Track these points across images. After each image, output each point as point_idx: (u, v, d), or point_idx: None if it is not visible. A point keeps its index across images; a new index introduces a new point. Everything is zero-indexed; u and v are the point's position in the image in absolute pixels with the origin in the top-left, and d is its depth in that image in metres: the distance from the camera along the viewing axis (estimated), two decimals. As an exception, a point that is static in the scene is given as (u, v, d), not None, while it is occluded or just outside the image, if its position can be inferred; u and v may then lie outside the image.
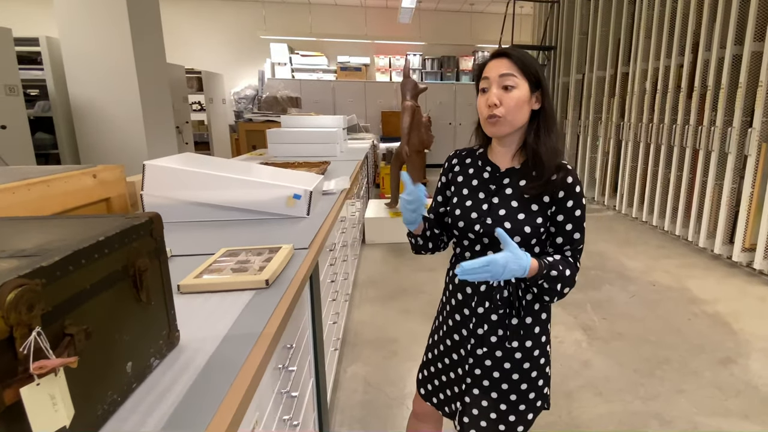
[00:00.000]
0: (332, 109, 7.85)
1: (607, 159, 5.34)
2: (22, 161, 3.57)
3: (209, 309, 0.95)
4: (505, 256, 0.84)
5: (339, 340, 2.03)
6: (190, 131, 6.18)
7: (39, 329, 0.49)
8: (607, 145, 5.32)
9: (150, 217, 0.74)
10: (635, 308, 2.76)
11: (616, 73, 5.09)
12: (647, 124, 4.51)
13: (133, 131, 3.94)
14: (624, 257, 3.64)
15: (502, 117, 0.93)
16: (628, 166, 4.86)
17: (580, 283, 3.10)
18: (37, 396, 0.47)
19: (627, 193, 4.92)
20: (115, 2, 3.62)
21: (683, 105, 4.01)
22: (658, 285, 3.11)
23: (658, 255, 3.71)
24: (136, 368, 0.69)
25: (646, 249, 3.86)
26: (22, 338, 0.47)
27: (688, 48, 3.92)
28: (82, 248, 0.58)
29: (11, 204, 1.41)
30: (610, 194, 5.34)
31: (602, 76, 5.41)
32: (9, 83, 3.39)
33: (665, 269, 3.39)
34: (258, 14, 8.07)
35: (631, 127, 4.77)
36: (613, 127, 5.15)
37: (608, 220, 4.80)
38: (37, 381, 0.47)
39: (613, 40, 5.15)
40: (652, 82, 4.47)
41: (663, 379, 2.06)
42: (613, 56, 5.16)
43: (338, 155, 3.61)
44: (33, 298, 0.48)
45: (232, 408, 0.65)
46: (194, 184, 1.69)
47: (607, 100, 5.31)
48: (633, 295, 2.93)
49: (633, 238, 4.19)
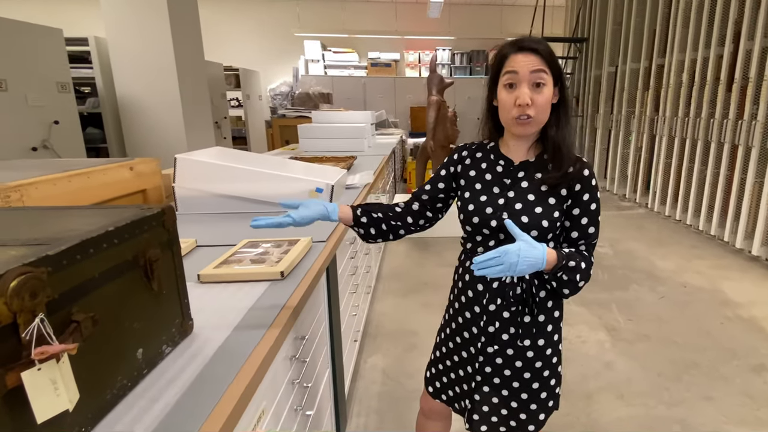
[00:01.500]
0: (363, 104, 7.84)
1: (640, 155, 5.09)
2: (74, 155, 3.73)
3: (225, 298, 0.95)
4: (518, 244, 0.81)
5: (360, 332, 2.02)
6: (229, 126, 6.31)
7: (42, 316, 0.49)
8: (640, 141, 5.07)
9: (162, 209, 0.74)
10: (663, 310, 2.61)
11: (651, 65, 4.83)
12: (683, 118, 4.26)
13: (173, 126, 4.05)
14: (654, 257, 3.46)
15: (534, 117, 0.88)
16: (661, 162, 4.62)
17: (606, 282, 2.97)
18: (39, 380, 0.47)
19: (660, 190, 4.68)
20: (156, 3, 3.71)
21: (722, 98, 3.75)
22: (690, 286, 2.94)
23: (691, 255, 3.51)
24: (148, 355, 0.69)
25: (678, 249, 3.66)
26: (25, 324, 0.48)
27: (729, 37, 3.66)
28: (90, 238, 0.58)
29: (53, 194, 1.47)
30: (642, 191, 5.10)
31: (636, 68, 5.15)
32: (61, 81, 3.54)
33: (698, 270, 3.20)
34: (293, 12, 8.13)
35: (665, 122, 4.52)
36: (647, 122, 4.90)
37: (639, 218, 4.59)
38: (39, 366, 0.47)
39: (649, 31, 4.88)
40: (689, 73, 4.21)
41: (690, 384, 1.94)
42: (648, 47, 4.90)
43: (366, 150, 3.60)
44: (36, 286, 0.49)
45: (235, 397, 0.64)
46: (222, 177, 1.72)
47: (640, 93, 5.05)
48: (662, 296, 2.78)
49: (665, 237, 3.98)
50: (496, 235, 0.94)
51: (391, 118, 6.48)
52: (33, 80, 3.28)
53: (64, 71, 3.57)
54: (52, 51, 3.46)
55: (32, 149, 3.30)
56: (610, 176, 5.77)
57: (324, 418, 1.24)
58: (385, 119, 6.04)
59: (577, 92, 6.64)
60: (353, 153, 3.40)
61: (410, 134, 7.21)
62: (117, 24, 3.76)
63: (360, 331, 2.05)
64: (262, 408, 0.76)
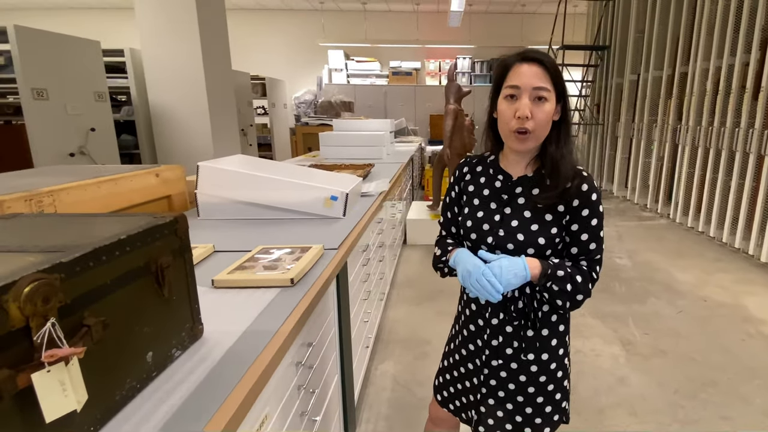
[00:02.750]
0: (384, 112, 7.88)
1: (662, 164, 4.94)
2: (108, 161, 3.87)
3: (237, 304, 0.97)
4: (499, 261, 0.84)
5: (372, 338, 2.02)
6: (254, 134, 6.43)
7: (53, 320, 0.51)
8: (662, 150, 4.92)
9: (175, 218, 0.76)
10: (682, 324, 2.51)
11: (674, 73, 4.69)
12: (707, 127, 4.12)
13: (201, 133, 4.16)
14: (674, 269, 3.34)
15: (532, 132, 0.85)
16: (684, 172, 4.47)
17: (623, 294, 2.88)
18: (48, 382, 0.49)
19: (682, 200, 4.53)
20: (187, 16, 3.83)
21: (748, 107, 3.61)
22: (710, 300, 2.82)
23: (713, 269, 3.37)
24: (157, 358, 0.71)
25: (699, 261, 3.52)
26: (37, 328, 0.49)
27: (756, 44, 3.52)
28: (103, 246, 0.60)
29: (83, 200, 1.52)
30: (663, 202, 4.94)
31: (659, 76, 5.01)
32: (98, 90, 3.69)
33: (720, 284, 3.07)
34: (318, 23, 8.26)
35: (689, 131, 4.38)
36: (669, 131, 4.75)
37: (660, 229, 4.44)
38: (48, 368, 0.49)
39: (672, 38, 4.74)
40: (713, 82, 4.07)
41: (706, 402, 1.85)
42: (672, 55, 4.76)
43: (384, 158, 3.61)
44: (49, 292, 0.51)
45: (237, 401, 0.65)
46: (241, 185, 1.75)
47: (663, 101, 4.91)
48: (680, 311, 2.67)
49: (686, 249, 3.84)
50: (493, 252, 0.91)
51: (411, 126, 6.49)
52: (72, 90, 3.43)
53: (101, 81, 3.71)
54: (90, 62, 3.61)
55: (70, 155, 3.44)
56: (631, 186, 5.61)
57: (332, 424, 1.24)
58: (405, 127, 6.05)
59: (598, 100, 6.51)
60: (372, 160, 3.42)
61: (429, 142, 7.20)
62: (150, 36, 3.90)
63: (372, 337, 2.05)
64: (265, 413, 0.77)
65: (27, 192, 1.33)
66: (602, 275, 3.29)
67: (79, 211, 1.47)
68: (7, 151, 3.27)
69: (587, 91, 6.75)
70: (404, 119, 6.22)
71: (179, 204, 2.07)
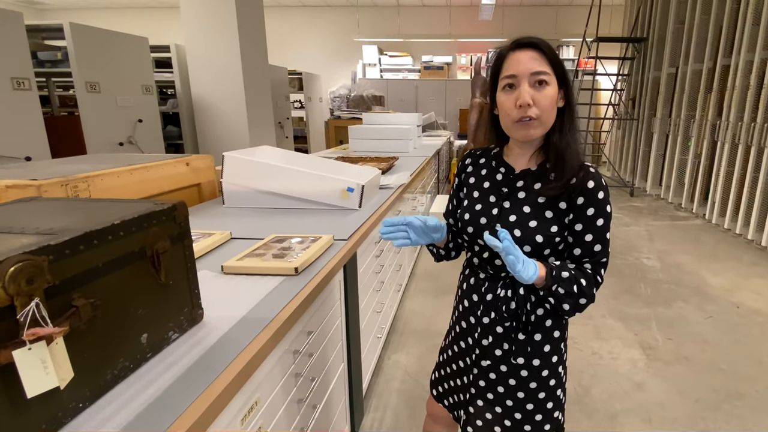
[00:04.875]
0: (415, 106, 7.78)
1: (699, 162, 4.61)
2: (154, 150, 4.02)
3: (242, 290, 0.96)
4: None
5: (385, 328, 1.99)
6: (291, 126, 6.52)
7: (37, 300, 0.51)
8: (700, 147, 4.59)
9: (174, 204, 0.75)
10: (710, 331, 2.33)
11: (715, 66, 4.34)
12: (749, 123, 3.79)
13: (239, 125, 4.26)
14: (707, 272, 3.11)
15: (537, 119, 0.78)
16: (723, 170, 4.15)
17: (648, 296, 2.72)
18: (29, 359, 0.49)
19: (720, 201, 4.21)
20: (227, 14, 3.91)
21: (797, 105, 3.30)
22: (744, 307, 2.60)
23: (750, 273, 3.11)
24: (153, 340, 0.71)
25: (735, 265, 3.26)
26: (22, 307, 0.50)
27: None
28: (95, 230, 0.60)
29: (116, 185, 1.57)
30: (699, 201, 4.62)
31: (698, 69, 4.65)
32: (145, 83, 3.82)
33: (756, 290, 2.83)
34: (353, 18, 8.23)
35: (729, 127, 4.05)
36: (708, 127, 4.42)
37: (695, 230, 4.16)
38: (29, 346, 0.49)
39: (714, 29, 4.38)
40: (758, 75, 3.72)
41: (730, 415, 1.69)
42: (713, 47, 4.40)
43: (411, 151, 3.56)
44: (34, 273, 0.51)
45: (222, 385, 0.64)
46: (263, 175, 1.76)
47: (702, 96, 4.57)
48: (709, 316, 2.48)
49: (721, 251, 3.57)
50: (490, 247, 0.86)
51: (441, 120, 6.37)
52: (122, 83, 3.57)
53: (148, 75, 3.85)
54: (138, 57, 3.74)
55: (119, 144, 3.60)
56: (665, 183, 5.29)
57: (336, 411, 1.23)
58: (434, 121, 5.95)
59: (634, 94, 6.14)
60: (398, 153, 3.38)
61: (459, 136, 7.06)
62: (194, 33, 4.00)
63: (386, 327, 2.02)
64: (255, 398, 0.76)
65: (63, 177, 1.38)
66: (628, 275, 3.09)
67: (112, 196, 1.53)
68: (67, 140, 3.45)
69: (622, 85, 6.38)
70: (434, 113, 6.11)
71: (208, 192, 2.11)
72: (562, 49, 7.91)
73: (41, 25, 3.35)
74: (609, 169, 6.79)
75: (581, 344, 2.16)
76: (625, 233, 4.02)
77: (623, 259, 3.27)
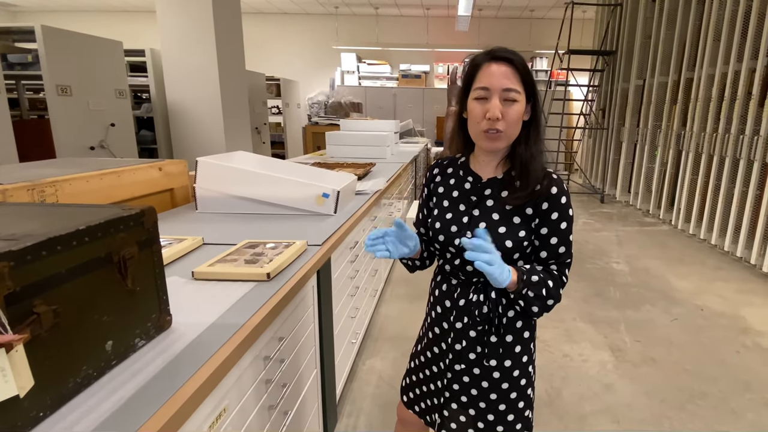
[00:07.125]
0: (393, 113, 7.86)
1: (665, 170, 4.81)
2: (127, 154, 3.93)
3: (212, 296, 0.96)
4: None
5: (360, 334, 2.00)
6: (268, 132, 6.48)
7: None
8: (666, 155, 4.79)
9: (142, 210, 0.75)
10: (676, 333, 2.42)
11: (680, 79, 4.57)
12: (711, 133, 3.99)
13: (214, 130, 4.21)
14: (673, 276, 3.24)
15: (503, 132, 0.82)
16: (687, 178, 4.34)
17: (617, 300, 2.81)
18: (-15, 368, 0.48)
19: (685, 207, 4.40)
20: (204, 19, 3.88)
21: (753, 114, 3.48)
22: (707, 310, 2.72)
23: (713, 277, 3.26)
24: (118, 347, 0.70)
25: (700, 269, 3.41)
26: (-21, 315, 0.49)
27: (763, 51, 3.39)
28: (58, 236, 0.59)
29: (85, 190, 1.53)
30: (666, 208, 4.81)
31: (664, 82, 4.88)
32: (119, 88, 3.74)
33: (719, 293, 2.96)
34: (332, 26, 8.28)
35: (693, 137, 4.25)
36: (674, 137, 4.62)
37: (662, 236, 4.32)
38: (-15, 354, 0.49)
39: (678, 44, 4.61)
40: (719, 88, 3.94)
41: (695, 414, 1.76)
42: (677, 61, 4.63)
43: (388, 157, 3.59)
44: (-8, 280, 0.50)
45: (188, 393, 0.64)
46: (237, 180, 1.75)
47: (668, 107, 4.78)
48: (675, 318, 2.58)
49: (687, 256, 3.73)
50: (461, 255, 0.88)
51: (418, 127, 6.45)
52: (95, 87, 3.49)
53: (122, 79, 3.77)
54: (112, 61, 3.66)
55: (90, 148, 3.50)
56: (633, 191, 5.49)
57: (308, 417, 1.23)
58: (412, 128, 6.02)
59: (603, 105, 6.38)
60: (376, 160, 3.40)
61: (436, 143, 7.15)
62: (170, 37, 3.95)
63: (361, 333, 2.03)
64: (224, 406, 0.76)
65: (30, 182, 1.35)
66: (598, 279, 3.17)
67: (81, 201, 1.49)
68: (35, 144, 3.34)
69: (593, 96, 6.62)
70: (411, 120, 6.18)
71: (182, 197, 2.08)
72: (536, 60, 8.15)
73: (12, 27, 3.26)
74: (581, 176, 7.00)
75: (552, 347, 2.22)
76: (596, 238, 4.14)
77: (594, 264, 3.37)
